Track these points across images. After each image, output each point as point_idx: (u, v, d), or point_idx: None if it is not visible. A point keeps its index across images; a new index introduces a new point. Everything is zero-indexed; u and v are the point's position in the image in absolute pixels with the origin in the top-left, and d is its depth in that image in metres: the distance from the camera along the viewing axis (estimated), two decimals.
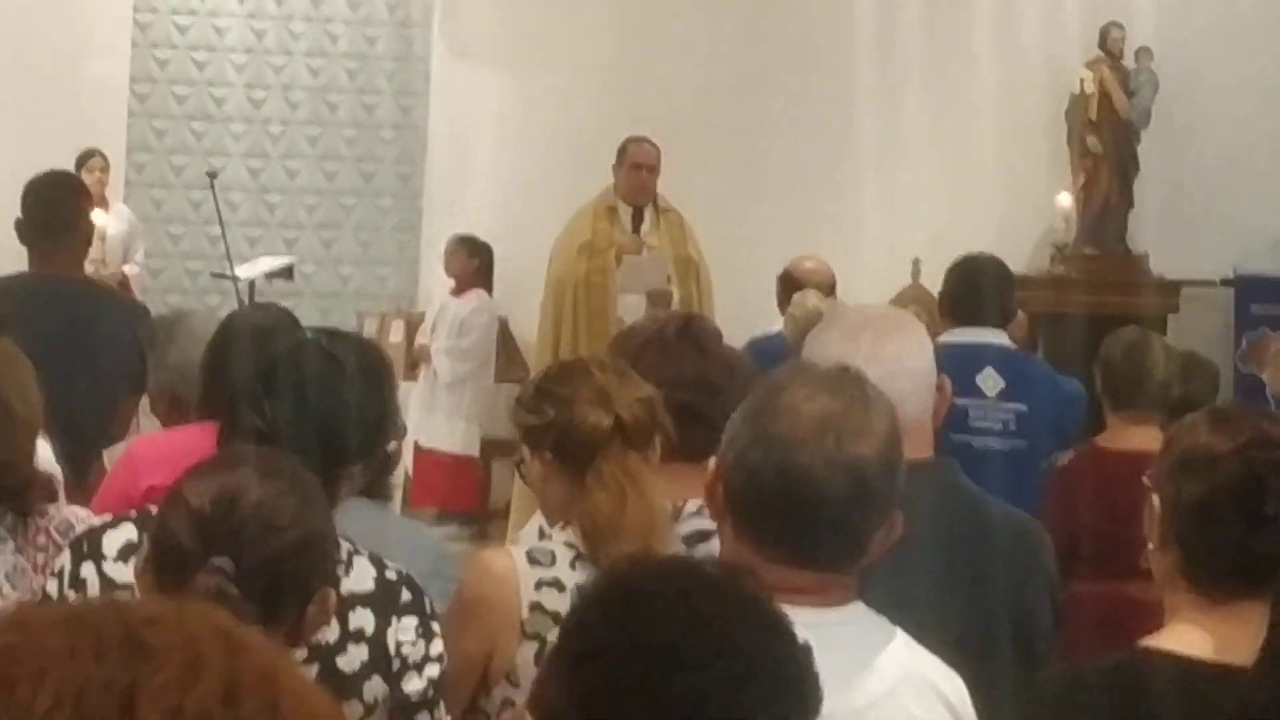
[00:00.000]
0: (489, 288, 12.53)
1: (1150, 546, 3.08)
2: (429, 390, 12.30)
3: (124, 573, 3.43)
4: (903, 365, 3.58)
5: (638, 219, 11.02)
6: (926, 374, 3.68)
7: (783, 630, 2.27)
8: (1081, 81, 13.20)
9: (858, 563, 2.86)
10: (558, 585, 3.64)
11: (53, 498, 4.05)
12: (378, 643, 3.54)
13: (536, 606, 3.63)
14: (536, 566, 3.67)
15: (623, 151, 11.01)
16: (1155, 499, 3.06)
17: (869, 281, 11.42)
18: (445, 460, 12.21)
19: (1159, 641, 2.99)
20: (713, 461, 2.93)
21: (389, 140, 13.87)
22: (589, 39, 13.23)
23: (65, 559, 3.55)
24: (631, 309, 10.55)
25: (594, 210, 11.03)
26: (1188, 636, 2.94)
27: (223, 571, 2.67)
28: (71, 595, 3.48)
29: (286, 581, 2.79)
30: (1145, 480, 3.11)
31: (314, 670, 3.47)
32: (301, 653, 3.33)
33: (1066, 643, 4.06)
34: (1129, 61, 13.24)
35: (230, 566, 2.68)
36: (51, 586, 3.57)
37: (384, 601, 3.56)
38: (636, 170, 10.91)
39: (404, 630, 3.58)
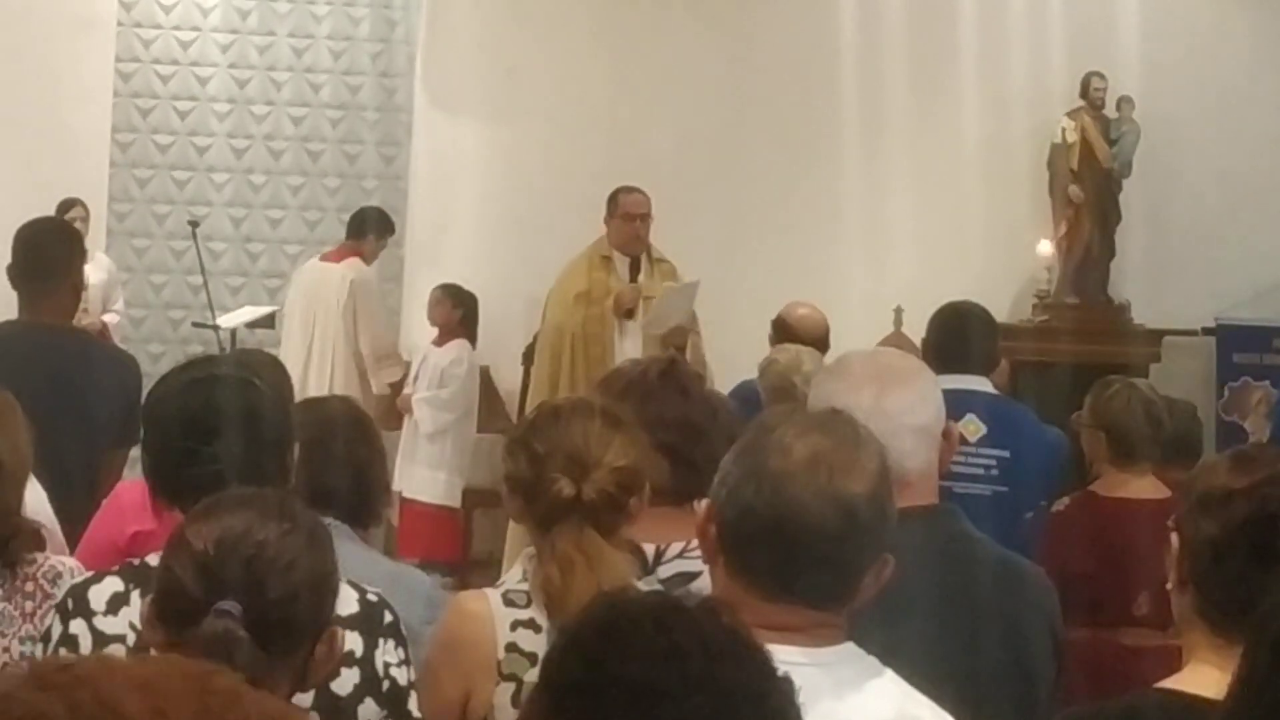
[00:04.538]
0: (472, 338, 12.49)
1: (1169, 586, 3.05)
2: (411, 440, 12.27)
3: (115, 625, 3.44)
4: (905, 422, 3.57)
5: (633, 268, 10.99)
6: (931, 428, 3.66)
7: (762, 662, 2.27)
8: (1063, 130, 13.23)
9: (848, 602, 2.86)
10: (533, 626, 3.65)
11: (40, 546, 4.04)
12: (367, 665, 3.57)
13: (512, 647, 3.64)
14: (512, 608, 3.69)
15: (613, 202, 10.92)
16: (1174, 538, 3.03)
17: (851, 330, 11.40)
18: (427, 511, 12.16)
19: (1174, 683, 2.96)
20: (703, 503, 2.93)
21: (371, 190, 13.87)
22: (571, 90, 13.25)
23: (53, 620, 3.54)
24: (632, 356, 10.51)
25: (589, 260, 10.96)
26: (1203, 677, 2.91)
27: (230, 615, 2.64)
28: (64, 655, 3.47)
29: (293, 623, 2.77)
30: (1169, 522, 3.09)
31: (310, 696, 3.48)
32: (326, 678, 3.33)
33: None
34: (1110, 111, 13.29)
35: (237, 610, 2.65)
36: (38, 650, 3.56)
37: (369, 624, 3.60)
38: (630, 220, 10.85)
39: (389, 653, 3.60)
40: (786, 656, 2.40)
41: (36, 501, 4.46)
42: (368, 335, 12.40)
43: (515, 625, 3.65)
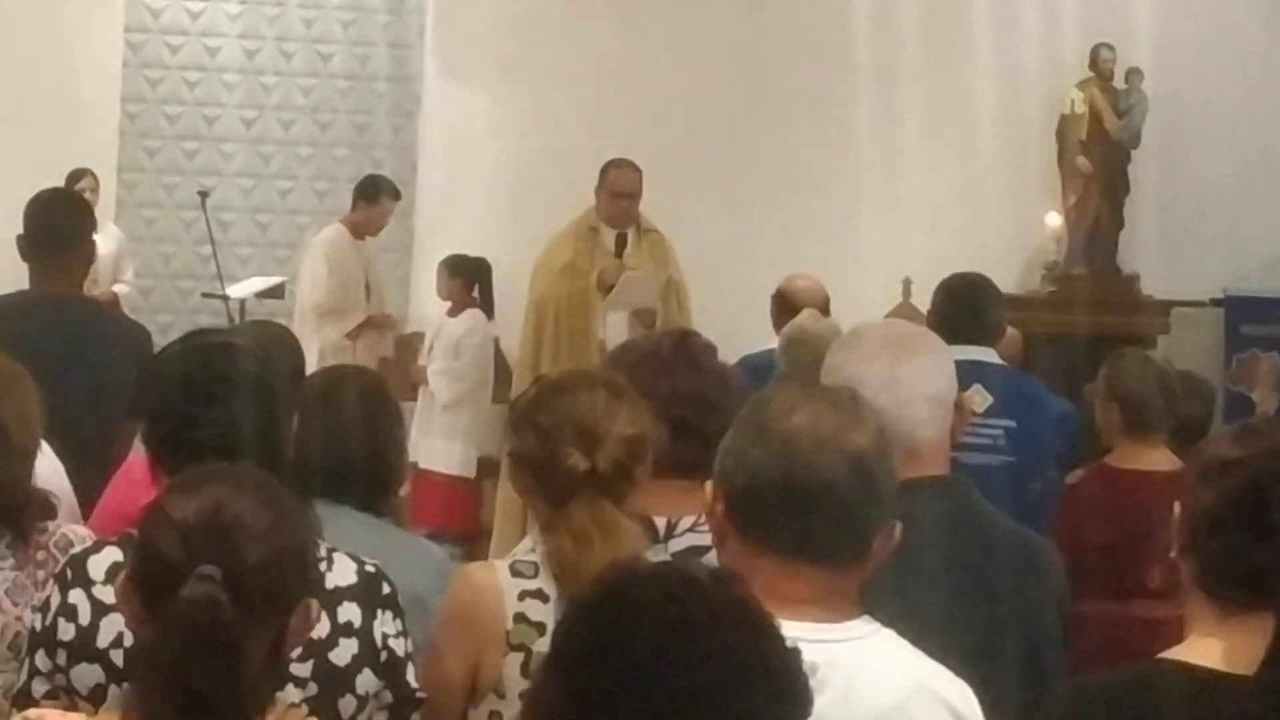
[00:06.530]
0: (488, 308, 12.48)
1: (1172, 555, 3.06)
2: (426, 411, 12.28)
3: (112, 595, 3.42)
4: (918, 391, 3.59)
5: (620, 240, 10.97)
6: (944, 398, 3.68)
7: (771, 632, 2.29)
8: (1072, 102, 13.22)
9: (861, 563, 2.88)
10: (541, 596, 3.66)
11: (51, 514, 4.05)
12: (366, 635, 3.59)
13: (520, 617, 3.65)
14: (519, 578, 3.69)
15: (603, 176, 10.90)
16: (1177, 507, 3.05)
17: (860, 301, 11.41)
18: (441, 481, 12.18)
19: (1176, 653, 2.97)
20: (709, 485, 2.93)
21: (381, 160, 13.86)
22: (581, 60, 13.24)
23: (52, 590, 3.57)
24: (614, 329, 10.52)
25: (575, 231, 10.96)
26: (1203, 648, 2.91)
27: (211, 579, 2.65)
28: (63, 624, 3.51)
29: (271, 591, 2.77)
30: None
31: (308, 666, 3.50)
32: (295, 650, 3.36)
33: (1072, 662, 4.05)
34: (1119, 82, 13.27)
35: (219, 574, 2.66)
36: (36, 620, 3.58)
37: (367, 594, 3.62)
38: (616, 198, 10.81)
39: (387, 623, 3.62)
40: (799, 629, 2.42)
41: (52, 472, 4.47)
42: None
43: (523, 595, 3.66)
